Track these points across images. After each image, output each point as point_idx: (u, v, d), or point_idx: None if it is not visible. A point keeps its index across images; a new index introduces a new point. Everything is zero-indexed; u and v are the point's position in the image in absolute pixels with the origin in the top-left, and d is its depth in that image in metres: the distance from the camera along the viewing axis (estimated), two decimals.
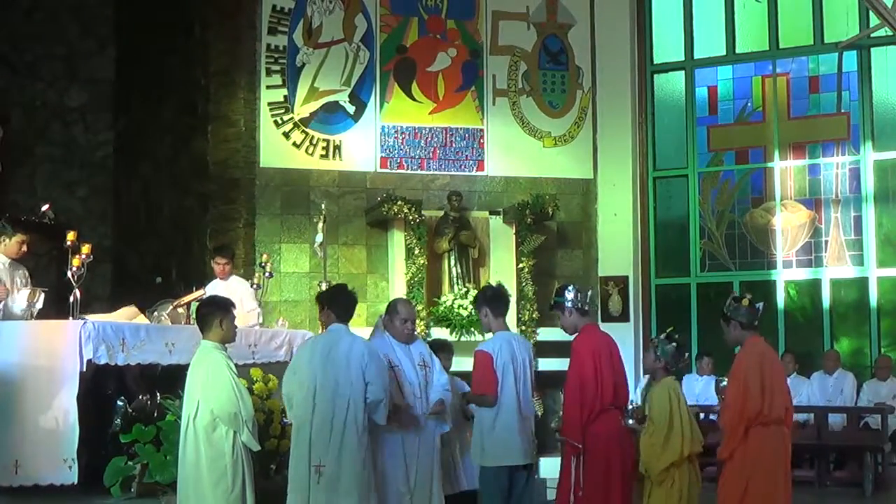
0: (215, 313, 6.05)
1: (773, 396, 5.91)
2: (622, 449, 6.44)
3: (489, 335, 7.18)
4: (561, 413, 6.98)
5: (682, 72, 13.21)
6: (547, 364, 10.41)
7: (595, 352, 6.50)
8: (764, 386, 5.88)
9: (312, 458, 6.07)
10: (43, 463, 6.91)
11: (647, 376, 11.55)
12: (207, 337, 6.01)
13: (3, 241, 7.94)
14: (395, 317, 6.71)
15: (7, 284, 7.78)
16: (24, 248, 8.08)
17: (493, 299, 7.11)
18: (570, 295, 6.69)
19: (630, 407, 6.23)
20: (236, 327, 6.20)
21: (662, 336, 6.34)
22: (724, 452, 5.99)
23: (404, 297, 10.56)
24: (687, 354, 6.28)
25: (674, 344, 6.23)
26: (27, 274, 8.18)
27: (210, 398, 5.80)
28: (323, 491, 6.05)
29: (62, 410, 6.91)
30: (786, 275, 12.58)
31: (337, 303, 6.53)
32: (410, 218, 11.44)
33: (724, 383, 6.26)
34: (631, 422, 6.21)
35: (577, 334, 6.74)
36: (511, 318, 11.47)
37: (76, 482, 6.86)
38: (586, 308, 6.72)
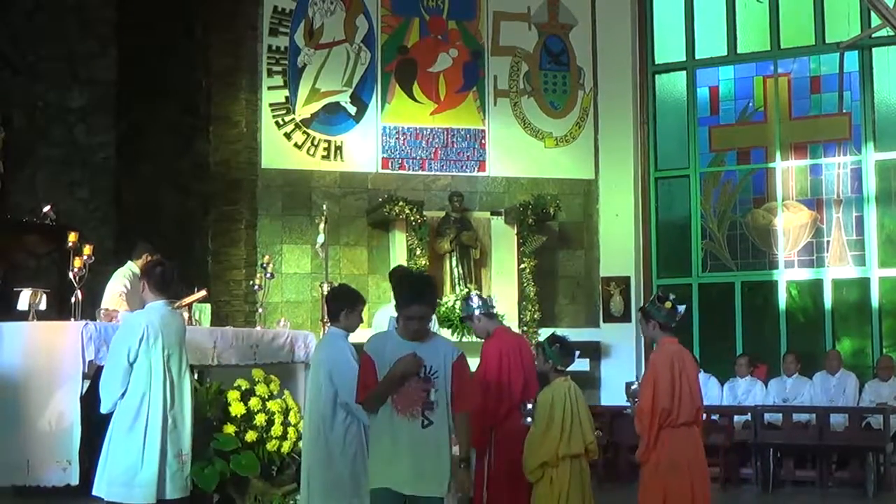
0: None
1: (681, 399, 5.97)
2: None
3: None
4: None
5: (684, 72, 13.20)
6: None
7: (503, 354, 6.66)
8: (673, 387, 5.94)
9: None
10: (44, 464, 6.89)
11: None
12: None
13: (146, 257, 8.68)
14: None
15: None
16: None
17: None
18: (475, 302, 6.82)
19: (529, 406, 6.28)
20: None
21: (547, 338, 6.44)
22: (642, 455, 6.04)
23: None
24: (577, 353, 6.39)
25: (557, 344, 6.34)
26: None
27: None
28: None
29: (64, 411, 6.89)
30: (787, 275, 12.57)
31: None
32: (412, 219, 11.44)
33: (635, 386, 6.32)
34: (529, 420, 6.29)
35: (488, 337, 6.87)
36: (512, 318, 11.50)
37: (77, 483, 6.85)
38: (493, 311, 6.84)
